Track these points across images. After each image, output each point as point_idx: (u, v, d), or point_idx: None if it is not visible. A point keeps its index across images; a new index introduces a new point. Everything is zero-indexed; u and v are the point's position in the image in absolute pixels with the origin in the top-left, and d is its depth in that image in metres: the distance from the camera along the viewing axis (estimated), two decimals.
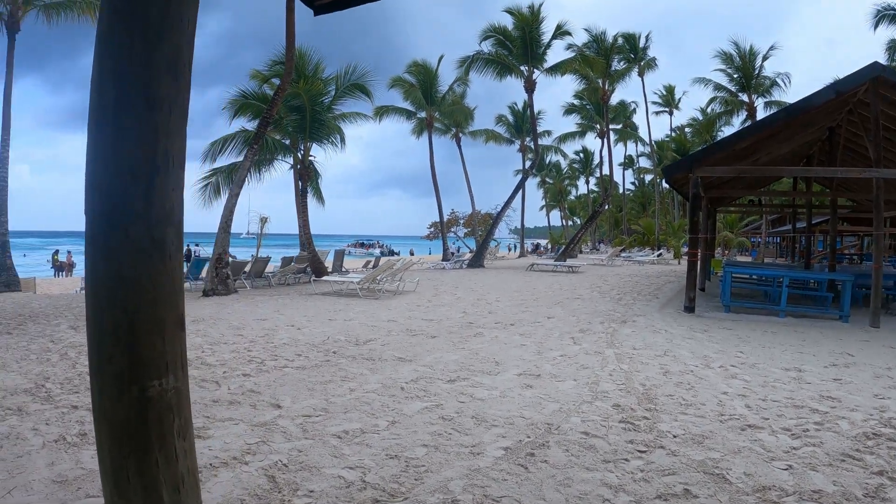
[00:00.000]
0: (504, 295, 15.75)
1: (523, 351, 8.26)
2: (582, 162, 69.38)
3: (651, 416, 5.36)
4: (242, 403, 5.67)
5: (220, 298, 14.82)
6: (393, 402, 5.69)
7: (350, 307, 12.98)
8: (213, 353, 8.05)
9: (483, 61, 29.93)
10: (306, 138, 20.98)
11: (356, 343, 8.74)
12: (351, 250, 75.37)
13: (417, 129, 37.07)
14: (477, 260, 29.85)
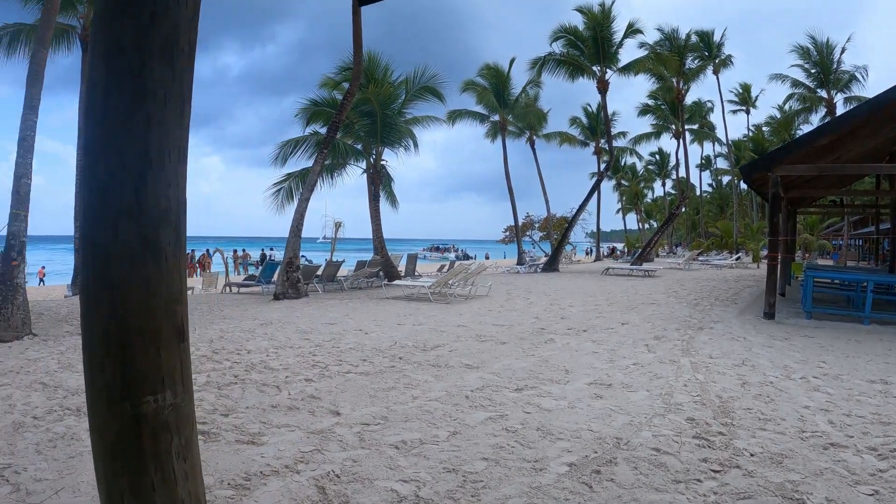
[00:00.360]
0: (577, 300, 15.40)
1: (595, 359, 7.94)
2: (658, 163, 67.86)
3: (727, 431, 4.98)
4: (301, 409, 5.63)
5: (291, 302, 15.07)
6: (456, 411, 5.52)
7: (420, 312, 12.92)
8: (277, 357, 8.12)
9: (555, 62, 29.64)
10: (377, 143, 21.13)
11: (423, 349, 8.63)
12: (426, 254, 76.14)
13: (491, 133, 37.01)
14: (552, 264, 29.62)
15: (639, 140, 51.91)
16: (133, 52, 1.91)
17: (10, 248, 9.85)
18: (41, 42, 10.58)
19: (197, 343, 9.12)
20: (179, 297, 2.09)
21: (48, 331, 10.44)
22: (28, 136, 10.10)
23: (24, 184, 10.00)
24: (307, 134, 21.23)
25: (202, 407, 5.70)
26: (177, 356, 2.07)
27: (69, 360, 7.95)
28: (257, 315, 12.56)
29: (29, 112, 10.18)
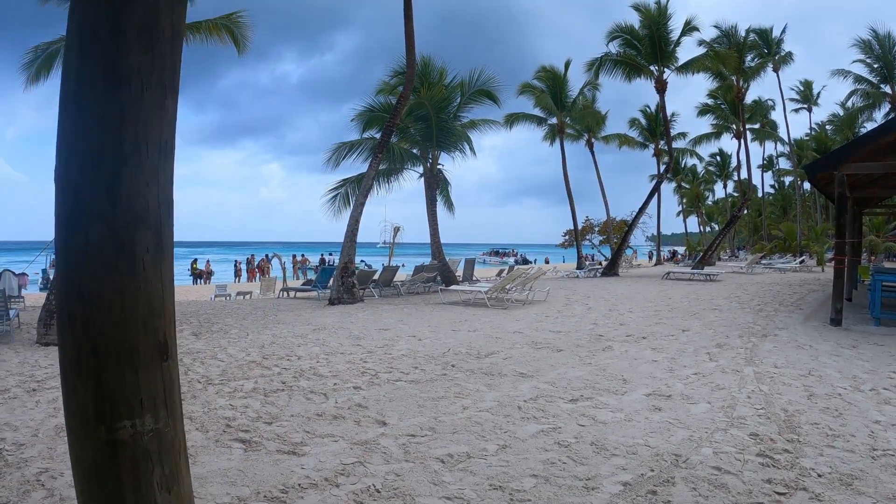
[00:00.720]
0: (637, 305, 14.96)
1: (654, 368, 7.62)
2: (718, 165, 66.23)
3: (793, 448, 4.62)
4: (347, 419, 5.54)
5: (346, 307, 15.12)
6: (507, 422, 5.32)
7: (476, 317, 12.75)
8: (327, 363, 8.09)
9: (611, 63, 29.14)
10: (433, 147, 21.08)
11: (477, 356, 8.46)
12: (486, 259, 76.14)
13: (549, 136, 36.84)
14: (611, 268, 29.21)
15: (699, 141, 50.83)
16: (107, 38, 1.76)
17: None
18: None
19: (248, 348, 9.20)
20: (161, 311, 1.91)
21: None
22: None
23: None
24: (362, 137, 21.34)
25: (246, 414, 5.69)
26: (158, 377, 1.91)
27: None
28: (311, 320, 12.63)
29: None
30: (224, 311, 14.52)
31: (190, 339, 10.15)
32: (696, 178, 68.79)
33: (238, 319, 12.86)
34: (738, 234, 72.77)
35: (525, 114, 35.23)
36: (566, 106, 34.81)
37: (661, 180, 34.06)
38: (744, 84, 35.63)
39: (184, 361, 8.25)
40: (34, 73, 19.10)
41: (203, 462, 4.52)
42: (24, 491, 4.09)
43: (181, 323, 12.25)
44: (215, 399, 6.30)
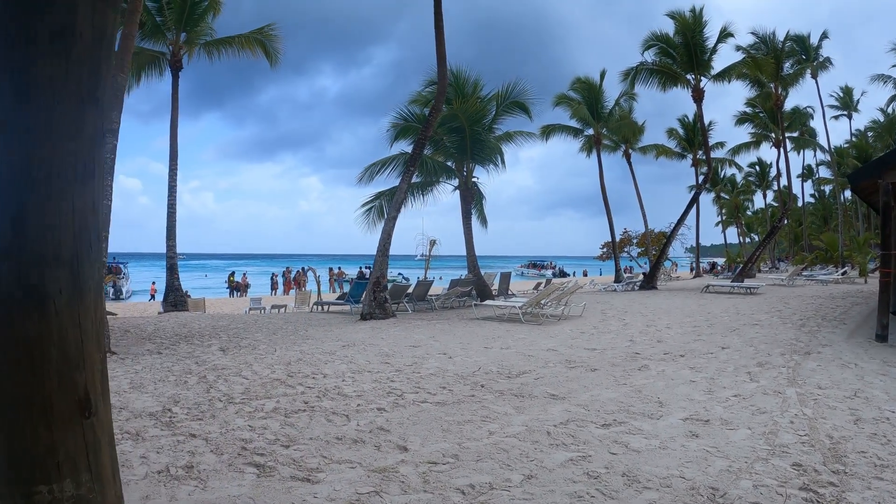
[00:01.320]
0: (675, 320, 14.62)
1: (692, 389, 7.32)
2: (758, 174, 65.39)
3: (839, 481, 4.30)
4: (367, 443, 5.37)
5: (377, 322, 15.02)
6: (534, 450, 5.08)
7: (510, 334, 12.51)
8: (353, 382, 7.95)
9: (647, 72, 29.26)
10: (468, 159, 20.98)
11: (508, 375, 8.23)
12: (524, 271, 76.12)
13: (586, 147, 36.80)
14: (649, 281, 28.89)
15: (737, 150, 50.67)
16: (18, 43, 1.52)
17: None
18: (120, 67, 11.04)
19: (274, 365, 9.13)
20: (80, 362, 1.67)
21: (129, 349, 10.80)
22: (107, 159, 10.53)
23: (104, 206, 10.37)
24: (395, 154, 21.38)
25: (264, 436, 5.57)
26: (79, 437, 1.67)
27: (141, 380, 8.12)
28: (341, 336, 12.54)
29: (109, 136, 10.60)
30: (255, 326, 14.54)
31: (217, 355, 10.14)
32: (735, 189, 67.97)
33: (268, 334, 12.84)
34: (779, 245, 72.23)
35: (561, 125, 35.48)
36: (602, 117, 34.83)
37: (700, 191, 33.59)
38: (782, 91, 34.96)
39: (207, 378, 8.21)
40: None
41: (213, 487, 4.41)
42: None
43: (210, 337, 12.29)
44: (234, 419, 6.20)
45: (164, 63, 21.15)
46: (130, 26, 11.29)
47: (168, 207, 20.59)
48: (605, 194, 35.03)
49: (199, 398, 7.10)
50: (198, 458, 5.03)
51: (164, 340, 11.91)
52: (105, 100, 1.71)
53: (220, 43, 21.55)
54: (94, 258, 1.67)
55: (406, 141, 21.78)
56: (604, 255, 44.52)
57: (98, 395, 1.70)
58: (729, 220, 70.93)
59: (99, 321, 1.70)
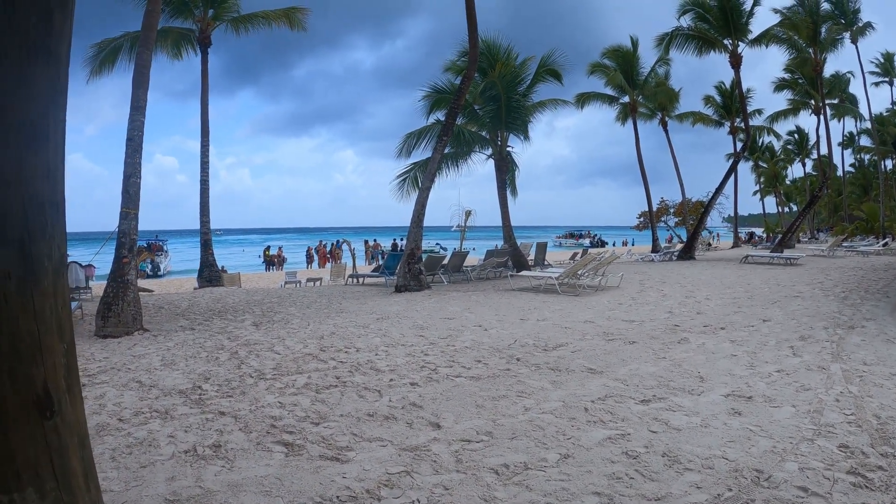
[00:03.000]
0: (715, 291, 14.29)
1: (733, 363, 7.06)
2: (797, 142, 63.37)
3: (887, 465, 4.05)
4: (399, 420, 5.27)
5: (412, 294, 14.93)
6: (571, 427, 4.92)
7: (546, 305, 12.31)
8: (386, 356, 7.86)
9: (683, 37, 28.58)
10: (502, 128, 20.64)
11: (544, 348, 8.06)
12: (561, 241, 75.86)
13: (622, 115, 36.08)
14: (687, 251, 28.64)
15: (776, 118, 48.90)
16: None
17: (120, 245, 10.33)
18: (144, 44, 10.98)
19: (307, 340, 9.09)
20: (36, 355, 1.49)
21: (162, 325, 10.88)
22: (135, 136, 10.53)
23: (133, 183, 10.44)
24: (431, 124, 21.13)
25: (294, 414, 5.51)
26: (40, 440, 1.49)
27: (173, 357, 8.15)
28: (375, 308, 12.48)
29: (135, 113, 10.61)
30: (289, 299, 14.57)
31: (249, 330, 10.15)
32: (773, 157, 66.20)
33: (301, 308, 12.84)
34: (818, 215, 70.66)
35: (596, 93, 34.83)
36: (638, 84, 33.99)
37: (738, 159, 32.72)
38: (821, 56, 33.67)
39: (239, 354, 8.21)
40: (97, 66, 19.76)
41: (240, 467, 4.35)
42: None
43: (244, 312, 12.33)
44: (264, 396, 6.16)
45: (193, 40, 21.13)
46: (153, 3, 11.20)
47: (201, 184, 20.69)
48: (642, 163, 34.43)
49: (230, 375, 7.08)
50: (226, 436, 4.99)
51: (197, 316, 11.98)
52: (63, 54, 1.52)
53: (247, 18, 21.47)
54: (53, 234, 1.48)
55: (441, 111, 21.54)
56: (641, 225, 44.06)
57: (62, 393, 1.52)
58: (767, 190, 69.33)
59: (62, 307, 1.52)
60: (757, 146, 60.59)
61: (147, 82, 10.83)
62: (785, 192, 72.39)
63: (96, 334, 9.87)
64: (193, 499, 3.87)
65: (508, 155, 21.57)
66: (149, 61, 10.95)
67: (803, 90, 42.58)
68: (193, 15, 20.48)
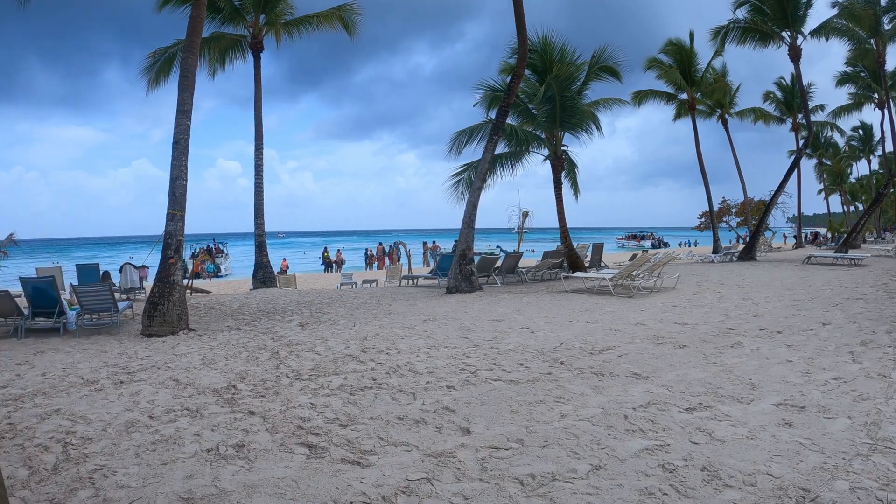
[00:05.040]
0: (774, 293, 13.58)
1: (788, 370, 6.60)
2: (861, 138, 60.14)
3: None
4: (428, 424, 5.10)
5: (463, 296, 14.75)
6: (607, 436, 4.63)
7: (598, 307, 11.94)
8: (427, 357, 7.71)
9: (739, 30, 27.30)
10: (557, 128, 20.25)
11: (591, 352, 7.75)
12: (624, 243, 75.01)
13: (680, 113, 34.94)
14: (748, 252, 27.54)
15: (839, 113, 46.59)
16: None
17: (166, 247, 10.47)
18: (189, 49, 11.12)
19: (349, 340, 9.03)
20: None
21: (209, 325, 10.99)
22: (181, 139, 10.68)
23: (179, 185, 10.59)
24: (481, 122, 20.87)
25: (324, 415, 5.41)
26: None
27: (214, 356, 8.19)
28: (423, 310, 12.35)
29: (181, 116, 10.77)
30: (340, 301, 14.58)
31: (295, 331, 10.15)
32: (837, 154, 63.27)
33: (350, 309, 12.82)
34: (884, 214, 67.57)
35: (653, 90, 33.80)
36: (695, 80, 32.80)
37: (800, 156, 31.35)
38: (883, 48, 31.97)
39: (279, 354, 8.19)
40: (154, 76, 20.25)
41: (259, 468, 4.26)
42: (73, 489, 4.06)
43: (292, 313, 12.38)
44: (297, 396, 6.08)
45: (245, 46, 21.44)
46: (198, 9, 11.35)
47: (255, 187, 20.96)
48: (702, 162, 33.39)
49: (267, 374, 7.05)
50: (251, 436, 4.92)
51: (245, 317, 12.08)
52: None
53: (299, 22, 21.64)
54: None
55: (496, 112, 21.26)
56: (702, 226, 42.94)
57: None
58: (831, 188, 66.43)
59: None
60: (820, 143, 58.31)
61: (192, 86, 10.99)
62: (850, 191, 69.41)
63: (142, 333, 10.03)
64: (207, 498, 3.82)
65: (565, 154, 21.16)
66: (194, 66, 11.11)
67: (865, 84, 40.66)
68: (245, 21, 20.80)
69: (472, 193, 16.38)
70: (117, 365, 7.82)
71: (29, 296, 10.67)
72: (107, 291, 10.67)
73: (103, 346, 9.32)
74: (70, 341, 9.79)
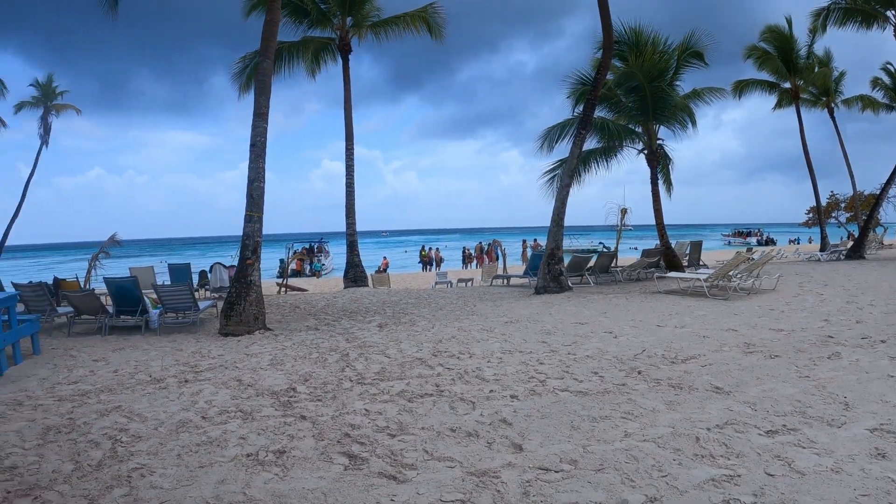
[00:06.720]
0: (881, 297, 12.12)
1: (889, 387, 5.71)
2: None
3: None
4: (480, 438, 4.76)
5: (551, 297, 14.24)
6: (672, 461, 4.12)
7: (690, 310, 11.15)
8: (499, 363, 7.35)
9: (840, 11, 25.13)
10: (650, 120, 19.30)
11: (672, 360, 7.15)
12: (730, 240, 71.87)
13: (781, 102, 32.50)
14: (856, 250, 25.26)
15: None
16: None
17: (244, 247, 10.57)
18: (265, 53, 11.21)
19: (423, 343, 8.82)
20: None
21: (289, 325, 11.05)
22: (258, 142, 10.77)
23: (256, 187, 10.68)
24: (573, 117, 20.19)
25: (375, 423, 5.20)
26: None
27: (283, 357, 8.16)
28: (508, 311, 11.98)
29: (258, 119, 10.87)
30: (426, 300, 14.41)
31: (372, 332, 10.03)
32: None
33: (434, 310, 12.61)
34: None
35: (755, 80, 31.55)
36: (797, 67, 30.47)
37: None
38: None
39: (349, 356, 8.07)
40: (245, 81, 20.75)
41: (292, 477, 4.09)
42: (109, 486, 4.05)
43: (375, 313, 12.30)
44: (354, 402, 5.90)
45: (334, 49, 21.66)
46: (272, 13, 11.42)
47: (346, 186, 21.17)
48: (808, 154, 30.99)
49: (330, 377, 6.91)
50: (295, 442, 4.78)
51: (327, 316, 12.10)
52: None
53: (385, 23, 21.68)
54: None
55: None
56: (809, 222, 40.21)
57: None
58: None
59: None
60: None
61: (268, 90, 11.09)
62: None
63: (219, 332, 10.19)
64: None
65: (660, 148, 20.16)
66: (270, 70, 11.21)
67: None
68: (332, 24, 21.02)
69: (560, 190, 15.80)
70: (187, 363, 7.92)
71: (113, 294, 11.08)
72: (187, 291, 10.94)
73: (180, 344, 9.53)
74: (150, 339, 10.08)
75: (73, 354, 8.95)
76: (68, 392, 6.65)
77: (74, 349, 9.38)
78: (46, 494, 3.96)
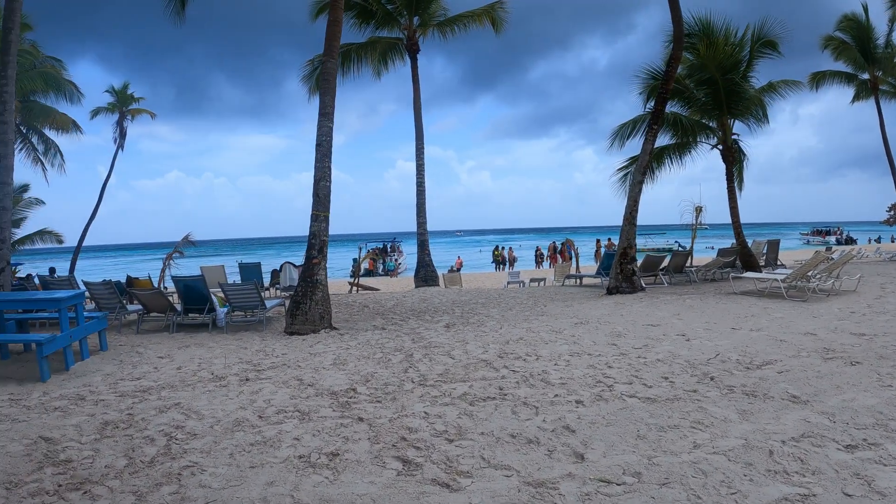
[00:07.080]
0: None
1: None
2: None
3: None
4: (541, 445, 4.57)
5: (622, 297, 13.83)
6: (742, 477, 3.82)
7: (766, 312, 10.56)
8: (566, 366, 7.13)
9: None
10: (724, 114, 18.52)
11: (747, 366, 6.75)
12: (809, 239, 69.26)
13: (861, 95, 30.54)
14: None
15: None
16: None
17: (310, 247, 10.65)
18: (328, 54, 11.26)
19: (490, 344, 8.66)
20: None
21: (356, 324, 11.07)
22: (324, 142, 10.83)
23: (322, 186, 10.74)
24: (644, 112, 19.61)
25: (433, 427, 5.09)
26: None
27: (347, 356, 8.16)
28: (578, 312, 11.69)
29: (323, 119, 10.93)
30: (496, 300, 14.25)
31: (439, 332, 9.95)
32: None
33: (503, 310, 12.44)
34: None
35: (832, 71, 29.75)
36: (876, 57, 28.60)
37: None
38: None
39: (413, 357, 8.01)
40: (314, 84, 21.05)
41: (342, 481, 4.02)
42: (158, 483, 4.08)
43: (443, 313, 12.24)
44: (414, 404, 5.80)
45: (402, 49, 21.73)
46: (335, 13, 11.48)
47: (417, 186, 21.24)
48: (888, 148, 29.00)
49: (392, 378, 6.84)
50: (349, 444, 4.73)
51: (395, 316, 12.09)
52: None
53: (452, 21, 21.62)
54: None
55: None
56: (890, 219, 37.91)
57: None
58: None
59: None
60: None
61: (333, 90, 11.14)
62: None
63: (285, 331, 10.29)
64: None
65: (735, 144, 19.34)
66: (334, 70, 11.26)
67: None
68: (399, 24, 21.08)
69: (631, 188, 15.36)
70: (250, 362, 8.01)
71: (181, 293, 11.35)
72: (253, 290, 11.11)
73: (245, 342, 9.67)
74: (216, 337, 10.28)
75: (140, 351, 9.23)
76: (130, 388, 6.83)
77: (141, 346, 9.67)
78: (96, 489, 4.03)
